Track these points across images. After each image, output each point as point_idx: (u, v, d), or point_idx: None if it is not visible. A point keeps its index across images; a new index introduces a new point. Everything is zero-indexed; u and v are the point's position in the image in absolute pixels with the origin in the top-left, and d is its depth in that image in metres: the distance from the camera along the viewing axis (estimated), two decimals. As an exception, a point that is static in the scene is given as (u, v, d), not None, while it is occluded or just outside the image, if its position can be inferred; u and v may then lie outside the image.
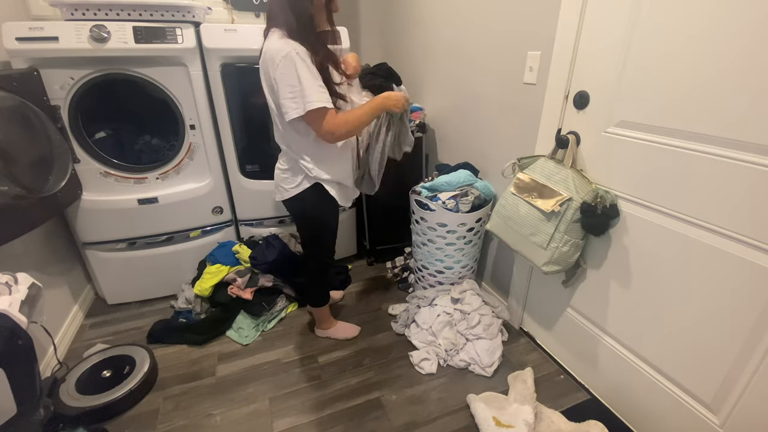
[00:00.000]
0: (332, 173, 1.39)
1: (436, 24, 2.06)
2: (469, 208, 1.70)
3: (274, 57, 1.16)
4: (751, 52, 0.88)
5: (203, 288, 1.81)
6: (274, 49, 1.17)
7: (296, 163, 1.36)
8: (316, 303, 1.71)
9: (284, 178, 1.40)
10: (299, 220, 1.54)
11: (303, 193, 1.38)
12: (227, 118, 1.83)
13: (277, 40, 1.18)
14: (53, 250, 1.77)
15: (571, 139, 1.31)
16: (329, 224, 1.51)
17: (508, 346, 1.71)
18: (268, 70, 1.21)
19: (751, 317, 0.97)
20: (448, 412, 1.42)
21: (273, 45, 1.18)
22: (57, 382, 1.44)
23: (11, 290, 0.98)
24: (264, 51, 1.22)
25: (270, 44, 1.19)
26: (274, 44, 1.18)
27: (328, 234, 1.54)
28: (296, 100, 1.17)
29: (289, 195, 1.41)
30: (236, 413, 1.42)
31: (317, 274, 1.64)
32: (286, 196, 1.43)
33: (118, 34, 1.55)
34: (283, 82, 1.17)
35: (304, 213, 1.47)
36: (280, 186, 1.44)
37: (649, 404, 1.28)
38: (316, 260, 1.61)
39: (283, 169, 1.41)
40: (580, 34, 1.27)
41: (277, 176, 1.44)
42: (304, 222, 1.53)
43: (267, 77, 1.23)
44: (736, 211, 0.96)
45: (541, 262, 1.33)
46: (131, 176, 1.78)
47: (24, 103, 1.37)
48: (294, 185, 1.39)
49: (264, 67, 1.23)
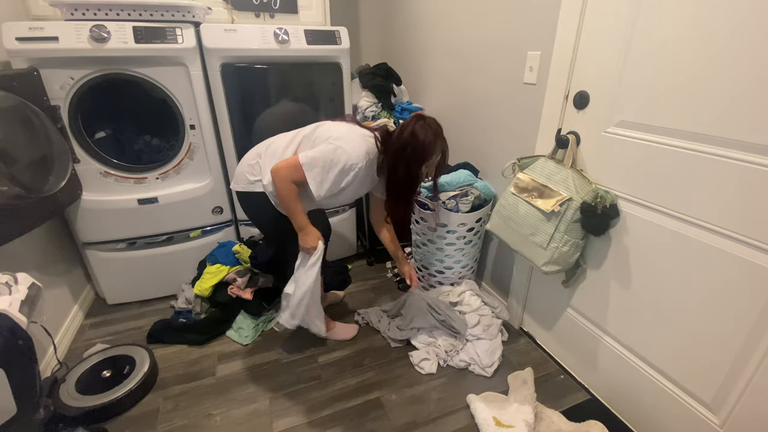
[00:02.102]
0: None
1: (436, 24, 2.06)
2: (469, 208, 1.70)
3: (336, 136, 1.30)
4: (751, 53, 0.88)
5: (203, 288, 1.80)
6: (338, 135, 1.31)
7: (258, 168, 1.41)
8: None
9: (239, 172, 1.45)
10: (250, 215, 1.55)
11: (252, 195, 1.43)
12: (227, 118, 1.83)
13: (360, 139, 1.32)
14: (53, 250, 1.77)
15: (571, 139, 1.31)
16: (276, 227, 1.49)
17: (508, 346, 1.71)
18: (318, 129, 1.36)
19: (751, 317, 0.97)
20: (448, 412, 1.42)
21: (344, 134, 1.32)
22: (57, 382, 1.43)
23: (11, 290, 0.98)
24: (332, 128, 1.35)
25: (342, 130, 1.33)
26: (348, 134, 1.32)
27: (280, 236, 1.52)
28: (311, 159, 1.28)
29: (237, 188, 1.46)
30: (236, 413, 1.42)
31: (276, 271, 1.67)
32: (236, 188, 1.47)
33: (118, 34, 1.55)
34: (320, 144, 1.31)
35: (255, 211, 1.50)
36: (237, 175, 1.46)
37: (649, 404, 1.28)
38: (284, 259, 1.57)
39: (248, 165, 1.43)
40: (580, 34, 1.27)
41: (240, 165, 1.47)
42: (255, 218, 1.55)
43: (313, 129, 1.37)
44: (736, 211, 0.96)
45: (541, 262, 1.33)
46: (131, 176, 1.78)
47: (24, 103, 1.37)
48: (243, 183, 1.43)
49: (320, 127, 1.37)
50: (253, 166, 1.42)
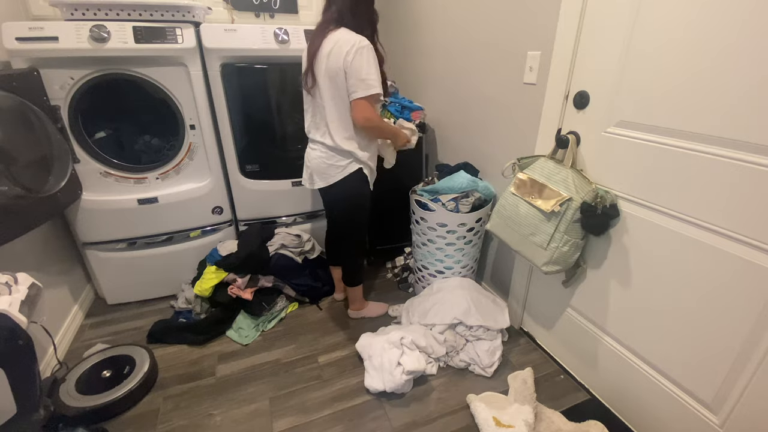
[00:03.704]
0: (370, 158, 1.56)
1: (436, 24, 2.06)
2: (469, 209, 1.70)
3: (349, 45, 1.33)
4: (751, 52, 0.88)
5: (203, 288, 1.80)
6: (348, 39, 1.34)
7: (341, 148, 1.46)
8: (358, 281, 1.82)
9: (330, 165, 1.50)
10: (342, 203, 1.62)
11: (348, 176, 1.51)
12: (227, 118, 1.83)
13: (348, 32, 1.37)
14: (53, 250, 1.77)
15: (571, 139, 1.31)
16: (366, 205, 1.63)
17: (508, 346, 1.71)
18: (336, 56, 1.34)
19: (751, 317, 0.97)
20: (448, 412, 1.42)
21: (345, 36, 1.35)
22: (57, 382, 1.43)
23: (11, 290, 0.98)
24: (334, 41, 1.36)
25: (341, 35, 1.36)
26: (346, 35, 1.35)
27: (365, 214, 1.66)
28: (364, 83, 1.35)
29: (334, 180, 1.51)
30: (236, 413, 1.42)
31: (358, 254, 1.78)
32: (330, 182, 1.52)
33: (118, 34, 1.55)
34: (357, 67, 1.34)
35: (348, 196, 1.57)
36: (323, 173, 1.53)
37: (649, 404, 1.28)
38: (354, 241, 1.73)
39: (329, 155, 1.49)
40: (580, 34, 1.27)
41: (318, 165, 1.52)
42: (347, 204, 1.61)
43: (333, 63, 1.36)
44: (736, 211, 0.96)
45: (541, 262, 1.33)
46: (131, 176, 1.78)
47: (24, 103, 1.37)
48: (340, 170, 1.50)
49: (329, 54, 1.36)
50: (337, 154, 1.48)
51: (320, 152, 1.51)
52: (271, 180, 2.02)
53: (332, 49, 1.36)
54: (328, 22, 1.41)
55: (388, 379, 1.45)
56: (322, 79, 1.41)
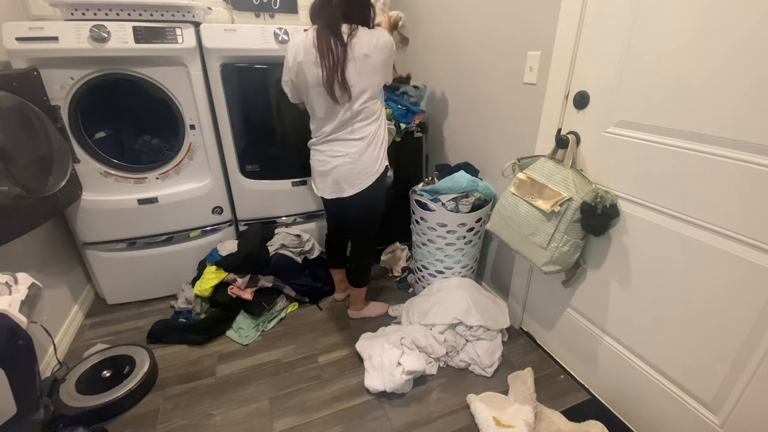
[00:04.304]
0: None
1: (436, 24, 2.06)
2: (469, 209, 1.70)
3: (383, 43, 1.38)
4: (750, 52, 0.88)
5: (203, 288, 1.80)
6: (385, 38, 1.39)
7: (371, 149, 1.45)
8: (365, 282, 1.81)
9: (361, 170, 1.46)
10: (371, 206, 1.58)
11: (380, 177, 1.49)
12: (227, 118, 1.83)
13: (379, 30, 1.41)
14: (53, 250, 1.77)
15: (571, 139, 1.31)
16: (384, 202, 1.62)
17: (508, 346, 1.71)
18: (371, 53, 1.36)
19: (751, 317, 0.97)
20: (448, 412, 1.42)
21: (382, 35, 1.39)
22: (57, 382, 1.43)
23: (11, 290, 0.98)
24: (368, 41, 1.35)
25: (378, 34, 1.38)
26: (382, 34, 1.39)
27: (383, 211, 1.64)
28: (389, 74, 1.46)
29: (368, 183, 1.47)
30: (236, 413, 1.42)
31: (371, 254, 1.78)
32: (363, 186, 1.48)
33: (118, 34, 1.55)
34: (389, 61, 1.43)
35: (378, 197, 1.55)
36: (352, 180, 1.47)
37: (649, 404, 1.28)
38: (371, 239, 1.71)
39: (358, 159, 1.45)
40: (580, 34, 1.27)
41: (347, 171, 1.46)
42: (376, 206, 1.59)
43: (366, 59, 1.36)
44: (736, 211, 0.96)
45: (541, 262, 1.33)
46: (131, 176, 1.78)
47: (24, 103, 1.37)
48: (374, 171, 1.48)
49: (364, 51, 1.35)
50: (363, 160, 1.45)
51: (349, 158, 1.44)
52: (271, 180, 2.02)
53: (368, 52, 1.36)
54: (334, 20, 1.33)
55: (388, 379, 1.45)
56: (358, 83, 1.37)
